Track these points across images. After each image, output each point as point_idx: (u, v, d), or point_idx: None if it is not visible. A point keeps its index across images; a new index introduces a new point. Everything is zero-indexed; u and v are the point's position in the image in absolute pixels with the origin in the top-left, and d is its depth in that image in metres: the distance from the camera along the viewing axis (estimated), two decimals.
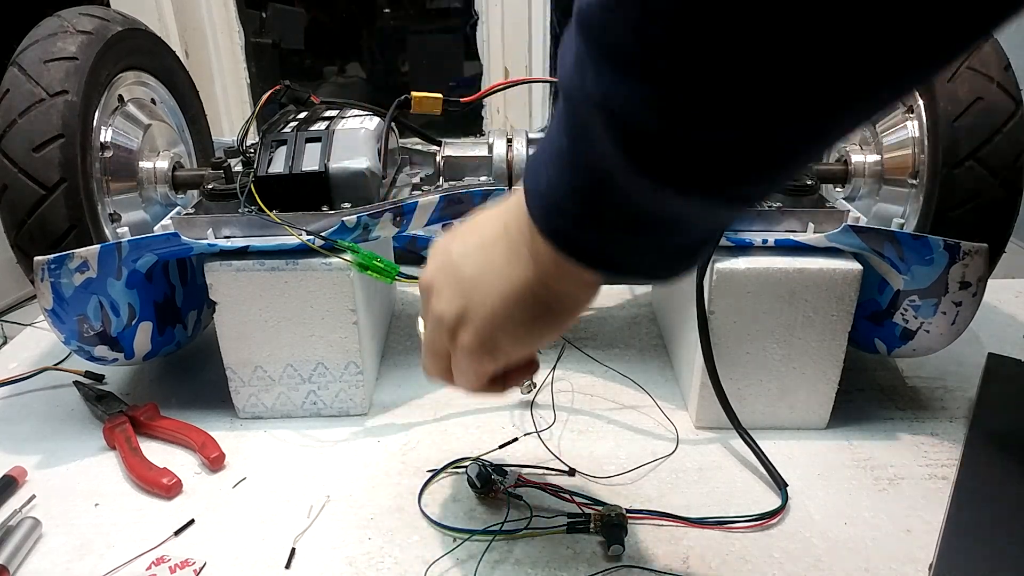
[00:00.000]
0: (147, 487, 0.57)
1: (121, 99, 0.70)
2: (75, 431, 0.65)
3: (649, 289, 0.89)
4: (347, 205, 0.63)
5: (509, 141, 0.71)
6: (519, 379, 0.44)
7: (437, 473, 0.58)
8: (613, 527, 0.51)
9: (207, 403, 0.68)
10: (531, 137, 0.71)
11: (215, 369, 0.65)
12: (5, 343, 0.83)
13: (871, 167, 0.68)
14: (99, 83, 0.65)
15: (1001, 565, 0.48)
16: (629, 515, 0.52)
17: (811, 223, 0.60)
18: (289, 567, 0.50)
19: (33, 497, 0.56)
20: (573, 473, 0.58)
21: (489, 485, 0.55)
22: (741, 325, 0.59)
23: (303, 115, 0.71)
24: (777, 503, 0.55)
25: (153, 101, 0.76)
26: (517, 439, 0.62)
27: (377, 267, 0.59)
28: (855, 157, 0.69)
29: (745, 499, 0.56)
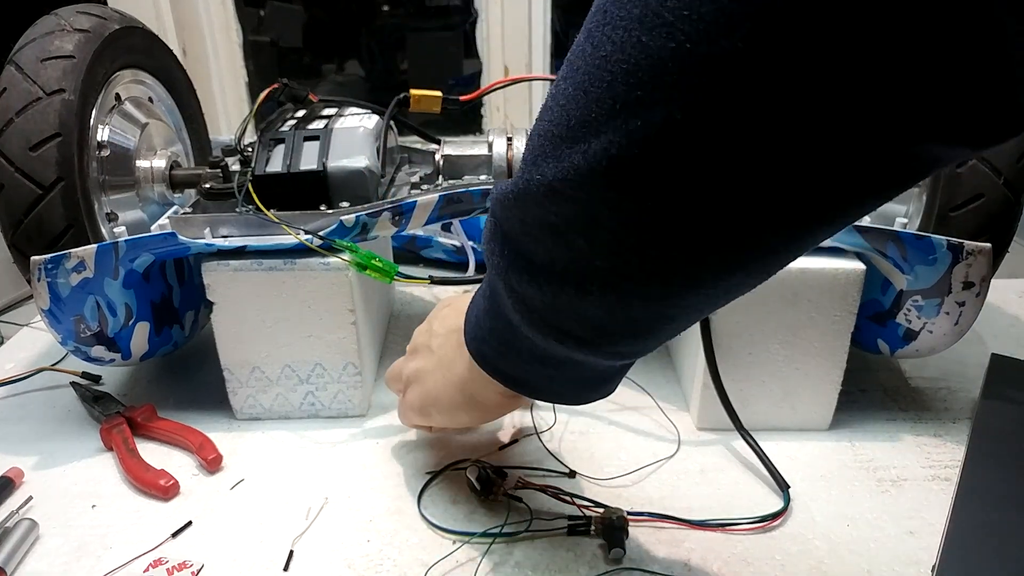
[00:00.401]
0: (144, 488, 0.57)
1: (118, 98, 0.69)
2: (72, 432, 0.65)
3: None
4: (345, 204, 0.63)
5: (509, 139, 0.71)
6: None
7: (436, 475, 0.58)
8: (614, 529, 0.51)
9: (204, 404, 0.67)
10: None
11: (212, 370, 0.64)
12: (1, 343, 0.83)
13: None
14: (96, 82, 0.64)
15: (1005, 567, 0.48)
16: (630, 517, 0.52)
17: None
18: (287, 569, 0.50)
19: (30, 498, 0.56)
20: (573, 475, 0.58)
21: (489, 487, 0.54)
22: (743, 326, 0.59)
23: (301, 114, 0.71)
24: (779, 505, 0.54)
25: (150, 100, 0.76)
26: (517, 440, 0.62)
27: (376, 267, 0.59)
28: None
29: (747, 501, 0.55)
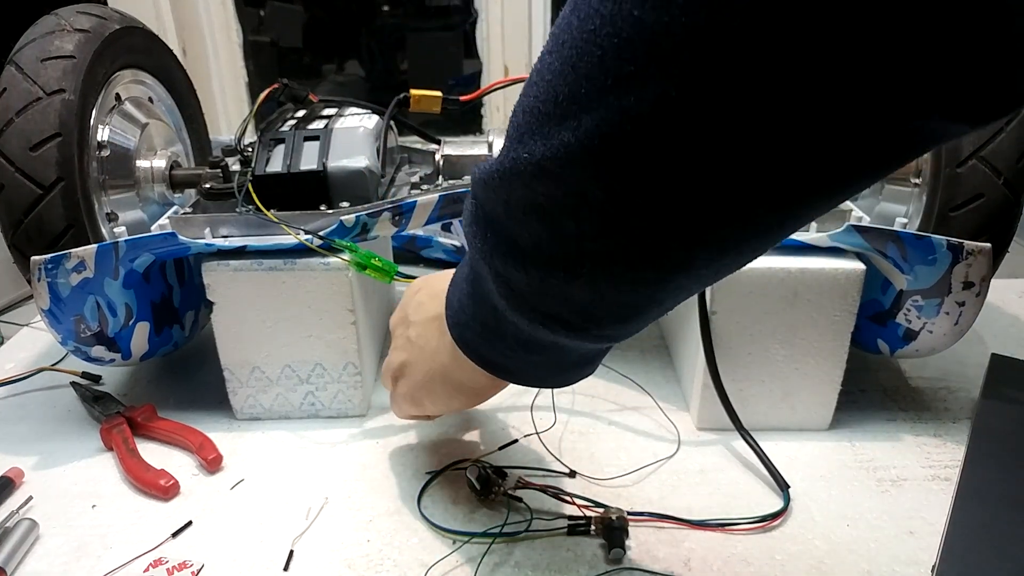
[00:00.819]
0: (144, 488, 0.57)
1: (118, 98, 0.69)
2: (72, 432, 0.65)
3: None
4: (345, 204, 0.63)
5: None
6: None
7: (436, 475, 0.58)
8: (614, 529, 0.51)
9: (205, 404, 0.67)
10: None
11: (213, 370, 0.64)
12: (2, 343, 0.83)
13: None
14: (96, 82, 0.64)
15: (1004, 567, 0.48)
16: (630, 517, 0.52)
17: (814, 223, 0.59)
18: (287, 569, 0.50)
19: (30, 498, 0.56)
20: (574, 475, 0.58)
21: (489, 487, 0.54)
22: (743, 326, 0.59)
23: (301, 114, 0.71)
24: (779, 505, 0.54)
25: (151, 100, 0.76)
26: (517, 440, 0.62)
27: (375, 267, 0.59)
28: None
29: (747, 501, 0.55)
